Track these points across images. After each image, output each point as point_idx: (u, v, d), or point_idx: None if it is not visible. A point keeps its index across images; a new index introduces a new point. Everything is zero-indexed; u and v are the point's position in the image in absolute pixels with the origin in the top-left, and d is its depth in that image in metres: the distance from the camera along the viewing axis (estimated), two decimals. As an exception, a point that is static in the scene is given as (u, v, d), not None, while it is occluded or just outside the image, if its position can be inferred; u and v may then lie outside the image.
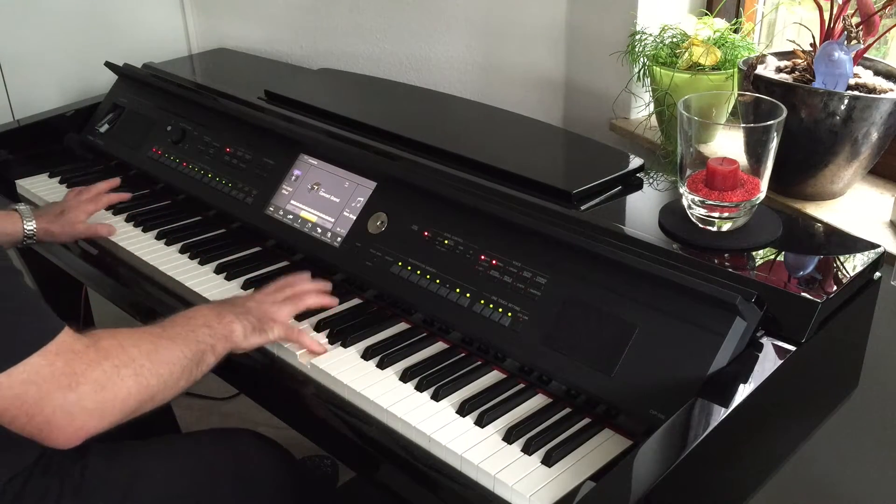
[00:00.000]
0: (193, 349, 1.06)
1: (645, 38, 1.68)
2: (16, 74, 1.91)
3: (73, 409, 0.91)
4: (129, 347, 0.98)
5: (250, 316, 1.16)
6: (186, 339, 1.06)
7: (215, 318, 1.12)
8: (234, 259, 1.44)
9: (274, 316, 1.18)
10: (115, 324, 2.11)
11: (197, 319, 1.10)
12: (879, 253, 1.15)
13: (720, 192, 1.12)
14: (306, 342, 1.19)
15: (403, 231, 1.31)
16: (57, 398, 0.91)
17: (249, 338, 1.14)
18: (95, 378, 0.93)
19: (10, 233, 1.43)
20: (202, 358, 1.07)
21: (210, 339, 1.08)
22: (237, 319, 1.13)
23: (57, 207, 1.51)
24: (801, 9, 1.72)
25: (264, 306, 1.19)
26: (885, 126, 1.34)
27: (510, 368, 1.16)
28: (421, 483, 1.03)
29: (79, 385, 0.92)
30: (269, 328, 1.17)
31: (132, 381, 0.96)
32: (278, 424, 1.24)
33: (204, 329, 1.09)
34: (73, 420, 0.92)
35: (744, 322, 1.01)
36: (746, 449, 1.05)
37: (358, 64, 2.12)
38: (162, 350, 1.02)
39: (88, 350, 0.95)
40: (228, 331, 1.11)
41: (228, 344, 1.11)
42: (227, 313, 1.14)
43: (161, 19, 2.13)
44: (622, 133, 1.82)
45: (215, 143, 1.63)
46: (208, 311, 1.13)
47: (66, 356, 0.92)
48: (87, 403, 0.92)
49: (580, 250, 1.13)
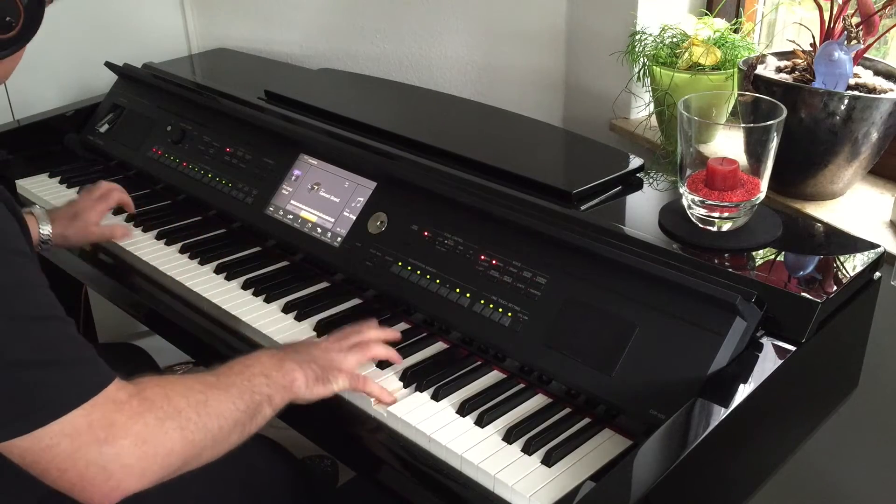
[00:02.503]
0: (248, 401, 0.97)
1: (645, 38, 1.68)
2: (16, 74, 1.90)
3: (109, 464, 0.84)
4: (176, 398, 0.90)
5: (314, 364, 1.07)
6: (241, 390, 0.97)
7: (275, 366, 1.03)
8: (234, 259, 1.44)
9: (340, 365, 1.09)
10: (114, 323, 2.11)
11: (254, 368, 1.01)
12: (879, 253, 1.15)
13: (720, 192, 1.12)
14: (375, 391, 1.10)
15: (403, 231, 1.31)
16: (92, 452, 0.83)
17: (313, 388, 1.05)
18: (136, 432, 0.85)
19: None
20: (258, 410, 0.98)
21: (267, 390, 1.00)
22: (299, 368, 1.05)
23: (69, 210, 1.46)
24: (801, 9, 1.72)
25: (330, 354, 1.10)
26: (885, 126, 1.34)
27: (510, 368, 1.16)
28: (421, 483, 1.03)
29: (117, 439, 0.84)
30: (333, 378, 1.07)
31: (177, 434, 0.88)
32: (279, 424, 1.24)
33: (261, 378, 1.00)
34: (110, 477, 0.84)
35: (744, 322, 1.01)
36: (746, 449, 1.05)
37: (358, 64, 2.12)
38: (213, 402, 0.93)
39: (132, 400, 0.87)
40: (289, 380, 1.03)
41: (288, 395, 1.03)
42: (288, 361, 1.05)
43: (161, 19, 2.12)
44: (622, 133, 1.82)
45: (215, 143, 1.63)
46: (268, 359, 1.04)
47: (105, 407, 0.85)
48: (127, 459, 0.84)
49: (580, 250, 1.13)
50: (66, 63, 2.00)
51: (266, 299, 1.33)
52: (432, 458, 1.03)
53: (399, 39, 2.07)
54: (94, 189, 1.51)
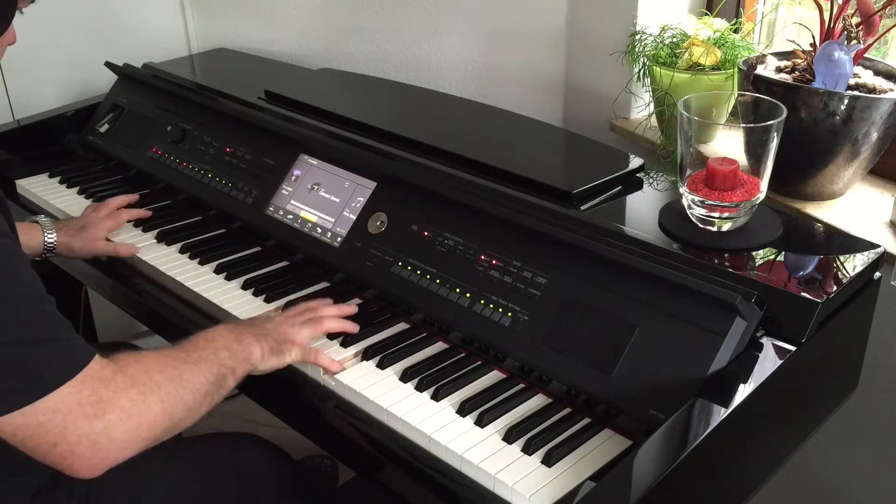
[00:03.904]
0: (215, 373, 1.03)
1: (645, 38, 1.68)
2: (16, 74, 1.91)
3: (99, 438, 0.89)
4: (155, 374, 0.96)
5: (269, 338, 1.13)
6: (209, 364, 1.03)
7: (235, 340, 1.09)
8: (234, 259, 1.44)
9: (292, 338, 1.15)
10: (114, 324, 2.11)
11: (217, 342, 1.07)
12: (879, 253, 1.15)
13: (720, 192, 1.12)
14: (324, 362, 1.16)
15: (403, 231, 1.31)
16: (82, 427, 0.88)
17: (267, 360, 1.12)
18: (122, 406, 0.91)
19: (31, 246, 1.40)
20: (223, 382, 1.05)
21: (230, 363, 1.06)
22: (256, 342, 1.11)
23: (78, 222, 1.48)
24: (801, 9, 1.72)
25: (283, 328, 1.16)
26: (885, 126, 1.34)
27: (510, 368, 1.16)
28: (421, 483, 1.03)
29: (105, 414, 0.89)
30: (286, 350, 1.14)
31: (158, 407, 0.94)
32: (278, 424, 1.24)
33: (224, 352, 1.06)
34: (99, 450, 0.89)
35: (744, 322, 1.01)
36: (746, 449, 1.05)
37: (358, 64, 2.12)
38: (187, 375, 0.99)
39: (116, 376, 0.92)
40: (248, 353, 1.09)
41: (247, 366, 1.09)
42: (246, 335, 1.11)
43: (161, 19, 2.12)
44: (622, 133, 1.82)
45: (215, 143, 1.63)
46: (228, 334, 1.10)
47: (92, 384, 0.90)
48: (114, 432, 0.90)
49: (580, 250, 1.13)
50: (66, 63, 2.00)
51: (266, 299, 1.33)
52: (432, 458, 1.03)
53: (399, 39, 2.07)
54: (103, 206, 1.51)
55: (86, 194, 1.67)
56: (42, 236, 1.42)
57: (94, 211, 1.50)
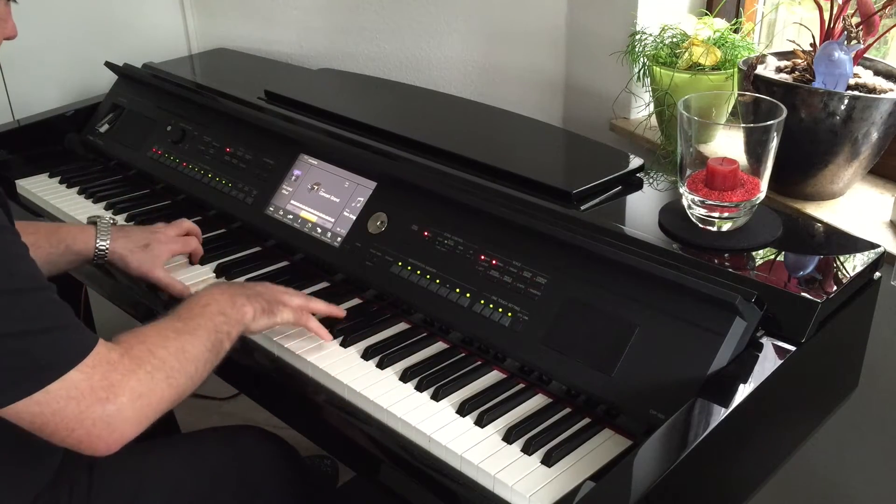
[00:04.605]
0: (213, 339, 1.06)
1: (645, 38, 1.68)
2: (16, 74, 1.91)
3: (112, 419, 0.92)
4: (159, 350, 0.99)
5: (261, 298, 1.16)
6: (207, 331, 1.06)
7: (229, 303, 1.12)
8: (234, 259, 1.44)
9: (284, 300, 1.18)
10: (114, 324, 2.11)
11: (212, 307, 1.10)
12: (879, 253, 1.15)
13: (720, 192, 1.12)
14: (313, 327, 1.19)
15: (403, 231, 1.31)
16: (97, 411, 0.91)
17: (259, 319, 1.14)
18: (132, 387, 0.94)
19: (80, 251, 1.32)
20: (221, 346, 1.08)
21: (226, 327, 1.09)
22: (248, 302, 1.14)
23: (141, 237, 1.36)
24: (801, 9, 1.72)
25: (274, 292, 1.19)
26: (885, 126, 1.34)
27: (510, 368, 1.16)
28: (421, 483, 1.03)
29: (117, 396, 0.92)
30: (278, 311, 1.17)
31: (165, 383, 0.97)
32: (278, 424, 1.24)
33: (220, 317, 1.09)
34: (114, 430, 0.92)
35: (744, 322, 1.01)
36: (746, 449, 1.05)
37: (358, 64, 2.12)
38: (188, 347, 1.02)
39: (123, 359, 0.95)
40: (241, 315, 1.12)
41: (241, 327, 1.12)
42: (239, 296, 1.14)
43: (161, 19, 2.12)
44: (622, 133, 1.82)
45: (215, 143, 1.63)
46: (221, 296, 1.12)
47: (102, 368, 0.92)
48: (127, 412, 0.93)
49: (580, 250, 1.13)
50: (66, 63, 2.00)
51: (266, 299, 1.33)
52: (432, 458, 1.03)
53: (399, 39, 2.07)
54: (176, 226, 1.41)
55: (86, 194, 1.67)
56: (94, 240, 1.32)
57: (167, 227, 1.40)
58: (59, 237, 1.32)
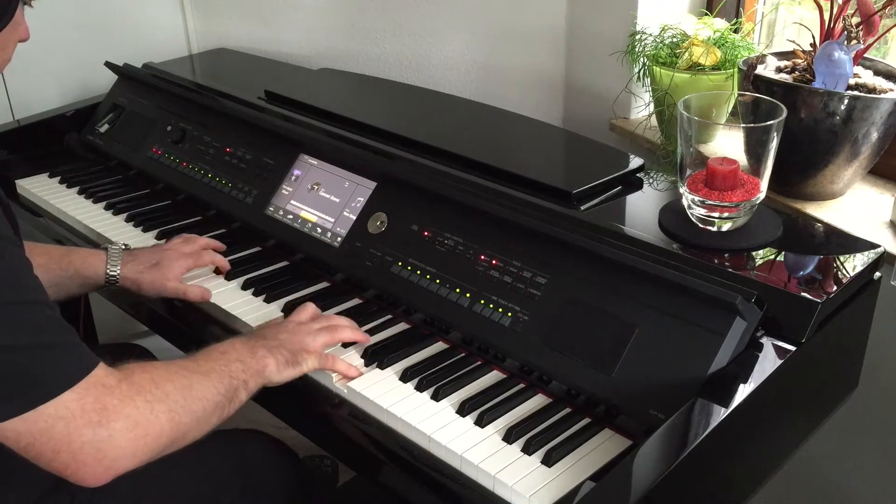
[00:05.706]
0: (227, 385, 1.02)
1: (645, 38, 1.68)
2: (16, 74, 1.91)
3: (103, 446, 0.87)
4: (163, 382, 0.94)
5: (283, 349, 1.12)
6: (220, 375, 1.02)
7: (248, 353, 1.08)
8: (234, 259, 1.43)
9: (308, 347, 1.14)
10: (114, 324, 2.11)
11: (230, 354, 1.06)
12: (879, 253, 1.15)
13: (720, 192, 1.12)
14: (342, 369, 1.15)
15: (403, 231, 1.31)
16: (86, 434, 0.86)
17: (283, 372, 1.10)
18: (128, 414, 0.89)
19: (90, 276, 1.30)
20: (235, 395, 1.03)
21: (243, 375, 1.05)
22: (270, 354, 1.10)
23: (151, 256, 1.34)
24: (801, 9, 1.72)
25: (297, 337, 1.14)
26: (885, 126, 1.34)
27: (510, 368, 1.16)
28: (421, 483, 1.03)
29: (109, 422, 0.88)
30: (302, 360, 1.12)
31: (165, 417, 0.92)
32: (279, 424, 1.24)
33: (237, 364, 1.05)
34: (104, 458, 0.88)
35: (744, 322, 1.01)
36: (746, 449, 1.05)
37: (358, 64, 2.12)
38: (196, 385, 0.98)
39: (121, 384, 0.90)
40: (261, 366, 1.08)
41: (261, 379, 1.08)
42: (259, 347, 1.10)
43: (161, 19, 2.12)
44: (622, 133, 1.82)
45: (215, 143, 1.63)
46: (241, 346, 1.09)
47: (96, 390, 0.88)
48: (119, 441, 0.88)
49: (580, 250, 1.13)
50: (66, 63, 2.00)
51: (266, 299, 1.33)
52: (432, 458, 1.03)
53: (399, 39, 2.07)
54: (188, 242, 1.38)
55: (86, 194, 1.67)
56: (104, 265, 1.30)
57: (179, 243, 1.38)
58: (68, 260, 1.30)
